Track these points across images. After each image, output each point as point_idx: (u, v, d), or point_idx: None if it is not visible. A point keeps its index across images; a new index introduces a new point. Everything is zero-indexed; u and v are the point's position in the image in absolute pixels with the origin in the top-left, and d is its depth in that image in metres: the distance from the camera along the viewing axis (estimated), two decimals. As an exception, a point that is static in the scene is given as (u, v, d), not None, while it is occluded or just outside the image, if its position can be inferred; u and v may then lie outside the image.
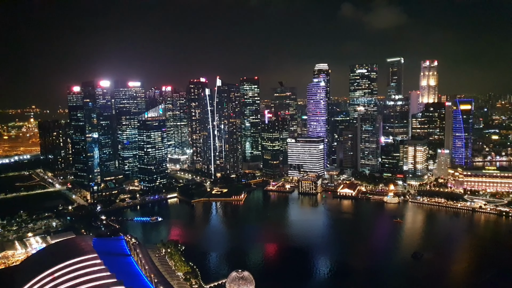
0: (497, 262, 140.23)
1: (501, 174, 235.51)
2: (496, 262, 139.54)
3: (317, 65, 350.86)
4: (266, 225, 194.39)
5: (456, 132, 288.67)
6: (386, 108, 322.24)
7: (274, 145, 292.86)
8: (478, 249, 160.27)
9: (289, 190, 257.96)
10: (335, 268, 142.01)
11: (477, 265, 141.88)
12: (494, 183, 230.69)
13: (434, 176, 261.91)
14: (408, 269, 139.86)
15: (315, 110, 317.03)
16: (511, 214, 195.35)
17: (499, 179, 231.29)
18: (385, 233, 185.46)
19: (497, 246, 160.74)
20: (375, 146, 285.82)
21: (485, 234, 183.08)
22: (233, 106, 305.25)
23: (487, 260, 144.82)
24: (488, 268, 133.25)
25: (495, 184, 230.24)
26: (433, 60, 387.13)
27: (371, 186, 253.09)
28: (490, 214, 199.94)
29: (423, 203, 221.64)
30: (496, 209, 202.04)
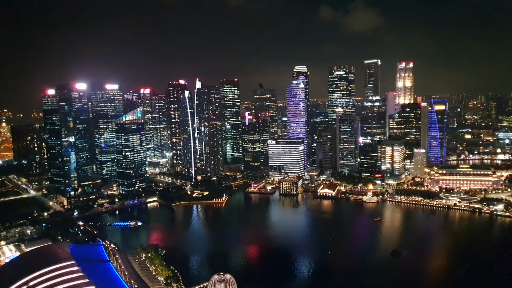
0: (471, 257, 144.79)
1: (474, 172, 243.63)
2: (470, 258, 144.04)
3: (296, 67, 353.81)
4: (247, 227, 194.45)
5: (432, 132, 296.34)
6: (364, 109, 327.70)
7: (255, 146, 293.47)
8: (454, 246, 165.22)
9: (270, 191, 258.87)
10: (316, 268, 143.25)
11: (453, 261, 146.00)
12: (468, 181, 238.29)
13: (411, 175, 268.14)
14: (387, 267, 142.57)
15: (295, 111, 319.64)
16: (483, 210, 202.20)
17: (472, 177, 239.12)
18: (364, 232, 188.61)
19: (471, 242, 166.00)
20: (353, 147, 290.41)
21: (460, 230, 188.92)
22: (213, 108, 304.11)
23: (462, 256, 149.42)
24: (463, 264, 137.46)
25: (468, 182, 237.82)
26: (408, 62, 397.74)
27: (350, 186, 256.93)
28: (464, 211, 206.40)
29: (401, 202, 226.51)
30: (470, 206, 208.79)
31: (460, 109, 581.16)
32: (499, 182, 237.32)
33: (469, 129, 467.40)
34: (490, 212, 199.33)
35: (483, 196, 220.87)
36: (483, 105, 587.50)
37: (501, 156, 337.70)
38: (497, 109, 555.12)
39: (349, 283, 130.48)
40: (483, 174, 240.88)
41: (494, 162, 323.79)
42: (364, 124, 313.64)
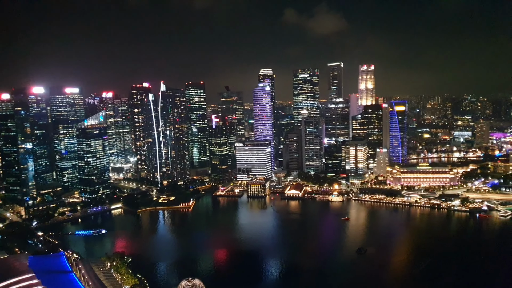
0: (431, 251, 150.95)
1: (433, 169, 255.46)
2: (430, 252, 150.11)
3: (262, 69, 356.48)
4: (216, 231, 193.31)
5: (393, 132, 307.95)
6: (328, 111, 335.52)
7: (222, 149, 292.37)
8: (415, 241, 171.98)
9: (238, 194, 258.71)
10: (285, 269, 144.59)
11: (414, 256, 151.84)
12: (427, 178, 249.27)
13: (374, 174, 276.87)
14: (353, 265, 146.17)
15: (262, 114, 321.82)
16: (442, 206, 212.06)
17: (431, 175, 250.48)
18: (331, 231, 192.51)
19: (431, 237, 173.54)
20: (319, 148, 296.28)
21: (421, 226, 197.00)
22: (178, 112, 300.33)
23: (422, 250, 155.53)
24: (424, 258, 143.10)
25: (428, 179, 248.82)
26: (370, 65, 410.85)
27: (317, 186, 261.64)
28: (424, 207, 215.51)
29: (365, 200, 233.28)
30: (429, 202, 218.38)
31: (419, 110, 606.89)
32: (456, 178, 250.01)
33: (427, 129, 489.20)
34: (448, 208, 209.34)
35: (442, 193, 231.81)
36: (440, 105, 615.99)
37: (456, 154, 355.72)
38: (453, 110, 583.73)
39: (316, 282, 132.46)
40: (441, 171, 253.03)
41: (451, 160, 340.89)
42: (328, 126, 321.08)
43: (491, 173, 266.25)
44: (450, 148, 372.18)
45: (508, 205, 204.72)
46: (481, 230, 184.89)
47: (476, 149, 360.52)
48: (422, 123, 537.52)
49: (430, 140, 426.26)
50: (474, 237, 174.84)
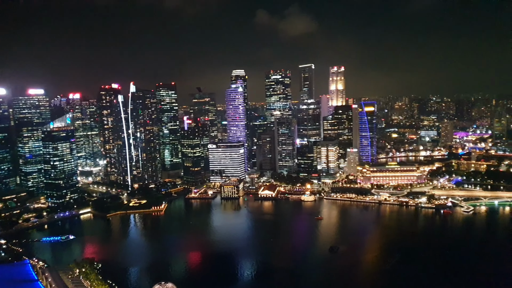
0: (400, 248, 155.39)
1: (401, 168, 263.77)
2: (399, 248, 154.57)
3: (234, 71, 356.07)
4: (189, 234, 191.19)
5: (362, 132, 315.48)
6: (300, 111, 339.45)
7: (194, 151, 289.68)
8: (385, 238, 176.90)
9: (211, 196, 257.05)
10: (259, 269, 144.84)
11: (384, 252, 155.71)
12: (396, 177, 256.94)
13: (345, 174, 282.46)
14: (326, 263, 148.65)
15: (234, 115, 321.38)
16: (410, 203, 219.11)
17: (399, 173, 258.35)
18: (304, 230, 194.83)
19: (400, 233, 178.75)
20: (291, 148, 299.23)
21: (390, 223, 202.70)
22: (149, 113, 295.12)
23: (392, 246, 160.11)
24: (393, 254, 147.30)
25: (396, 178, 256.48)
26: (340, 66, 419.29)
27: (289, 186, 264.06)
28: (393, 205, 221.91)
29: (337, 199, 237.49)
30: (398, 200, 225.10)
31: (387, 110, 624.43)
32: (422, 176, 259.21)
33: (395, 129, 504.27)
34: (415, 205, 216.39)
35: (409, 190, 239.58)
36: (407, 106, 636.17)
37: (423, 152, 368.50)
38: (419, 110, 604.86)
39: (290, 281, 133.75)
40: (408, 170, 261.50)
41: (418, 159, 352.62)
42: (300, 126, 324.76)
43: (455, 171, 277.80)
44: (417, 147, 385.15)
45: (471, 201, 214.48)
46: (446, 225, 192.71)
47: (441, 148, 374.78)
48: (390, 123, 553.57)
49: (398, 140, 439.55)
50: (440, 232, 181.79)
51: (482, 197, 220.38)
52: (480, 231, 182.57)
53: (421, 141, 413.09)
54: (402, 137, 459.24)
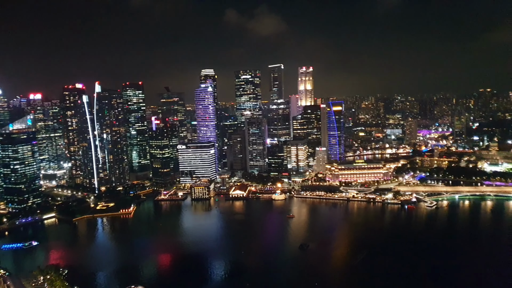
0: (368, 243, 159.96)
1: (368, 166, 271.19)
2: (367, 244, 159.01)
3: (203, 70, 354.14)
4: (159, 236, 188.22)
5: (331, 131, 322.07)
6: (270, 111, 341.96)
7: (163, 152, 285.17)
8: (353, 234, 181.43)
9: (181, 197, 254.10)
10: (230, 269, 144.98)
11: (353, 248, 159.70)
12: (363, 174, 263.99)
13: (314, 172, 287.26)
14: (296, 260, 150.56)
15: (204, 115, 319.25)
16: (377, 200, 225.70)
17: (366, 171, 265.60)
18: (275, 228, 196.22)
19: (367, 229, 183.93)
20: (262, 148, 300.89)
21: (358, 219, 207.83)
22: (116, 114, 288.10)
23: (360, 242, 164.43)
24: (361, 250, 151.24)
25: (363, 175, 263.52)
26: (308, 67, 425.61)
27: (260, 186, 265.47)
28: (361, 202, 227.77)
29: (307, 197, 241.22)
30: (366, 196, 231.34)
31: (354, 110, 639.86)
32: (388, 173, 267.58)
33: (362, 127, 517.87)
34: (382, 201, 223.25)
35: (376, 187, 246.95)
36: (373, 105, 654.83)
37: (389, 150, 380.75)
38: (385, 109, 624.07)
39: (260, 279, 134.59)
40: (375, 167, 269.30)
41: (384, 156, 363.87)
42: (270, 126, 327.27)
43: (419, 167, 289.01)
44: (383, 145, 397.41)
45: (434, 196, 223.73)
46: (411, 220, 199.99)
47: (406, 146, 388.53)
48: (357, 122, 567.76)
49: (365, 138, 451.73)
50: (405, 227, 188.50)
51: (444, 192, 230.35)
52: (442, 224, 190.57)
53: (387, 139, 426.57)
54: (368, 135, 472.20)
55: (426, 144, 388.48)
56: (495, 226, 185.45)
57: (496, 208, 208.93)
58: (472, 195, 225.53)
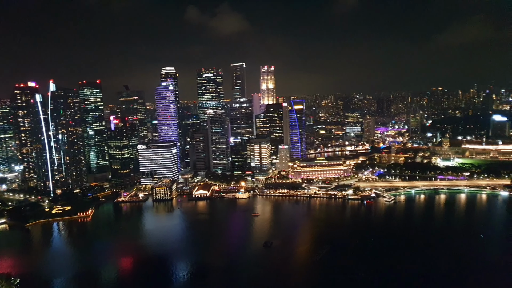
0: (330, 239, 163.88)
1: (329, 163, 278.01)
2: (329, 239, 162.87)
3: (164, 68, 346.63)
4: (119, 239, 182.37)
5: (292, 129, 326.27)
6: (232, 110, 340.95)
7: (123, 153, 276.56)
8: (315, 230, 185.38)
9: (142, 199, 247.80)
10: (194, 270, 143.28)
11: (315, 244, 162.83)
12: (324, 171, 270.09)
13: (277, 170, 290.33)
14: (260, 258, 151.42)
15: (165, 114, 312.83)
16: (338, 196, 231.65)
17: (327, 167, 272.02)
18: (239, 227, 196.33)
19: (329, 225, 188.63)
20: (225, 147, 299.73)
21: (320, 215, 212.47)
22: (72, 113, 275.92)
23: (322, 238, 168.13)
24: (324, 245, 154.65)
25: (325, 172, 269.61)
26: (270, 65, 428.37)
27: (224, 185, 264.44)
28: (322, 198, 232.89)
29: (270, 195, 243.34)
30: (327, 193, 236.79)
31: (315, 108, 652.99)
32: (348, 170, 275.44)
33: (323, 125, 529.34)
34: (342, 197, 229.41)
35: (337, 183, 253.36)
36: (333, 104, 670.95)
37: (348, 147, 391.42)
38: (344, 107, 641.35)
39: (225, 279, 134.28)
40: (335, 164, 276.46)
41: (344, 153, 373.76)
42: (233, 125, 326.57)
43: (377, 164, 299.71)
44: (342, 142, 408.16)
45: (391, 191, 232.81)
46: (371, 215, 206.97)
47: (364, 143, 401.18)
48: (318, 120, 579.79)
49: (326, 136, 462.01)
50: (365, 222, 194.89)
51: (401, 187, 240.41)
52: (400, 218, 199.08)
53: (347, 137, 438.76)
54: (329, 133, 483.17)
55: (383, 141, 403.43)
56: (448, 218, 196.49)
57: (449, 200, 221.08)
58: (427, 189, 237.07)
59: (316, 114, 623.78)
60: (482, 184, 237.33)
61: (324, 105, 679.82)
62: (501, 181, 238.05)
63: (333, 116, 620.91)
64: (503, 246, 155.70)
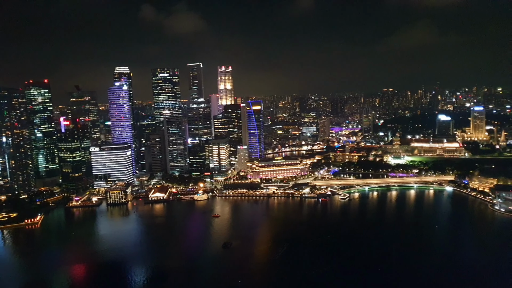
0: (288, 237, 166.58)
1: (286, 162, 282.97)
2: (287, 238, 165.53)
3: (117, 68, 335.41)
4: (71, 246, 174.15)
5: (251, 130, 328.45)
6: (190, 110, 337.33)
7: (74, 155, 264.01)
8: (274, 229, 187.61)
9: (96, 203, 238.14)
10: (152, 274, 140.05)
11: (274, 243, 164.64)
12: (282, 171, 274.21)
13: (236, 170, 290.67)
14: (220, 259, 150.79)
15: (119, 115, 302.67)
16: (295, 194, 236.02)
17: (285, 167, 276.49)
18: (198, 229, 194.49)
19: (287, 224, 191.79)
20: (182, 148, 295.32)
21: (278, 214, 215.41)
22: (17, 115, 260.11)
23: (280, 237, 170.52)
24: (282, 244, 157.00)
25: (282, 171, 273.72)
26: (228, 66, 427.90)
27: (182, 187, 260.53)
28: (281, 197, 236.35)
29: (229, 196, 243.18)
30: (285, 192, 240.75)
31: (272, 109, 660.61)
32: (305, 169, 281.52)
33: (280, 126, 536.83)
34: (300, 196, 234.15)
35: (294, 182, 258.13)
36: (290, 104, 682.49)
37: (305, 147, 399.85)
38: (300, 108, 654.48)
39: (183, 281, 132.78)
40: (293, 163, 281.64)
41: (301, 153, 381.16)
42: (191, 126, 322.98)
43: (332, 162, 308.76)
44: (299, 142, 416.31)
45: (346, 189, 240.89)
46: (326, 213, 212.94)
47: (320, 142, 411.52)
48: (275, 121, 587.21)
49: (283, 136, 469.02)
50: (321, 219, 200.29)
51: (356, 184, 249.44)
52: (354, 215, 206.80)
53: (303, 137, 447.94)
54: (286, 133, 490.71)
55: (338, 140, 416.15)
56: (399, 213, 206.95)
57: (400, 197, 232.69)
58: (379, 186, 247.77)
59: (274, 115, 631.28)
60: (430, 181, 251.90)
61: (281, 106, 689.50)
62: (446, 177, 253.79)
63: (290, 117, 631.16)
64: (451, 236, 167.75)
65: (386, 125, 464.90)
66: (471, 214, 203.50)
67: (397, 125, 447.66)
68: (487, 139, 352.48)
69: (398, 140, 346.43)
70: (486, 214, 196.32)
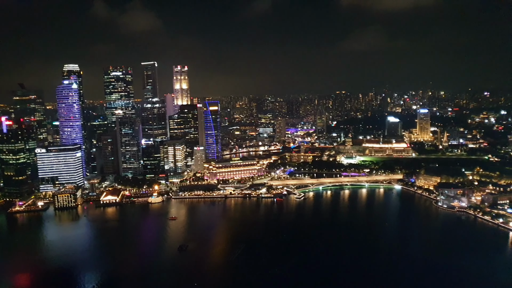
0: (244, 238, 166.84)
1: (243, 163, 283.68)
2: (244, 238, 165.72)
3: (66, 65, 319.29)
4: (15, 254, 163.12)
5: (208, 130, 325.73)
6: (144, 110, 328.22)
7: (17, 157, 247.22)
8: (231, 230, 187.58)
9: (42, 207, 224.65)
10: (104, 280, 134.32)
11: (231, 244, 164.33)
12: (239, 171, 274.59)
13: (193, 172, 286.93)
14: (175, 262, 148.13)
15: (68, 114, 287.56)
16: (252, 195, 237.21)
17: (242, 168, 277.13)
18: (152, 232, 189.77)
19: (244, 224, 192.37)
20: (136, 149, 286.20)
21: (235, 215, 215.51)
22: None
23: (237, 237, 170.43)
24: (239, 244, 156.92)
25: (240, 172, 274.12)
26: (183, 65, 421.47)
27: (135, 189, 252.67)
28: (238, 198, 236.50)
29: (185, 198, 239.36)
30: (242, 192, 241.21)
31: (229, 109, 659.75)
32: (262, 169, 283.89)
33: (237, 126, 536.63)
34: (257, 196, 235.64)
35: (251, 183, 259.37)
36: (247, 105, 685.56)
37: (262, 147, 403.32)
38: (257, 109, 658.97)
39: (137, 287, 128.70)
40: (250, 164, 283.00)
41: (258, 153, 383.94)
42: (145, 126, 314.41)
43: (288, 163, 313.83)
44: (256, 143, 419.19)
45: (302, 188, 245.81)
46: (282, 212, 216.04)
47: (276, 143, 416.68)
48: (232, 121, 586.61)
49: (240, 137, 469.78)
50: (277, 219, 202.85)
51: (310, 184, 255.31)
52: (309, 213, 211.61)
53: (260, 137, 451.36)
54: (243, 134, 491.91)
55: (293, 141, 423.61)
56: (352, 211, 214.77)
57: (352, 195, 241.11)
58: (333, 185, 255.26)
59: (231, 116, 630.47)
60: (380, 180, 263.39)
61: (238, 107, 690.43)
62: (395, 176, 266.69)
63: (247, 118, 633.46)
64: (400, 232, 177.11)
65: (339, 126, 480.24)
66: (417, 211, 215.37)
67: (349, 126, 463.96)
68: (431, 140, 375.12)
69: (350, 140, 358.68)
70: (431, 210, 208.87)
